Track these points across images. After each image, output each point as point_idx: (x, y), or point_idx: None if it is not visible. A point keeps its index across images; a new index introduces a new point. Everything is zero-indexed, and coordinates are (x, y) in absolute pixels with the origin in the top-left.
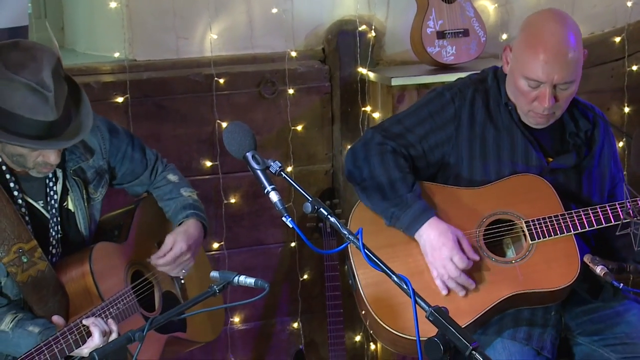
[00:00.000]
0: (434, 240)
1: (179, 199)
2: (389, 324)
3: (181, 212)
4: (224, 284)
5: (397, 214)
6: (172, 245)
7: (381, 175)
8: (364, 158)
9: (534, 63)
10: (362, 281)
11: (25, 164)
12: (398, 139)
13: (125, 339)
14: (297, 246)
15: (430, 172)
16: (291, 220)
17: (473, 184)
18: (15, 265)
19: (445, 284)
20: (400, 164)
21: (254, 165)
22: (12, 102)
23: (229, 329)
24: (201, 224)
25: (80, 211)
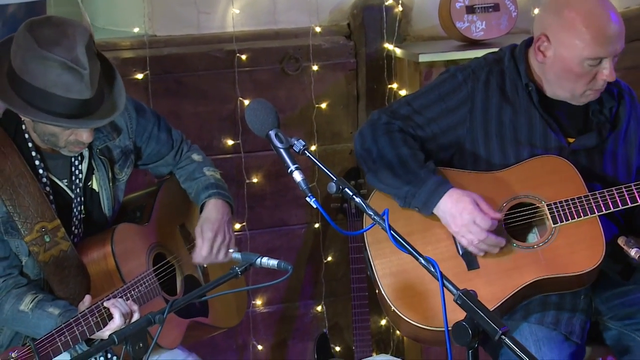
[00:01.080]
0: (452, 208)
1: (202, 179)
2: (409, 316)
3: (203, 192)
4: (246, 266)
5: (412, 192)
6: (202, 240)
7: (390, 153)
8: (372, 139)
9: (592, 42)
10: (379, 272)
11: (57, 143)
12: (405, 120)
13: (145, 321)
14: (321, 227)
15: (443, 156)
16: (315, 201)
17: (492, 168)
18: (37, 245)
19: (477, 248)
20: (409, 141)
21: (277, 144)
22: (47, 81)
23: (251, 312)
24: (225, 202)
25: (105, 191)
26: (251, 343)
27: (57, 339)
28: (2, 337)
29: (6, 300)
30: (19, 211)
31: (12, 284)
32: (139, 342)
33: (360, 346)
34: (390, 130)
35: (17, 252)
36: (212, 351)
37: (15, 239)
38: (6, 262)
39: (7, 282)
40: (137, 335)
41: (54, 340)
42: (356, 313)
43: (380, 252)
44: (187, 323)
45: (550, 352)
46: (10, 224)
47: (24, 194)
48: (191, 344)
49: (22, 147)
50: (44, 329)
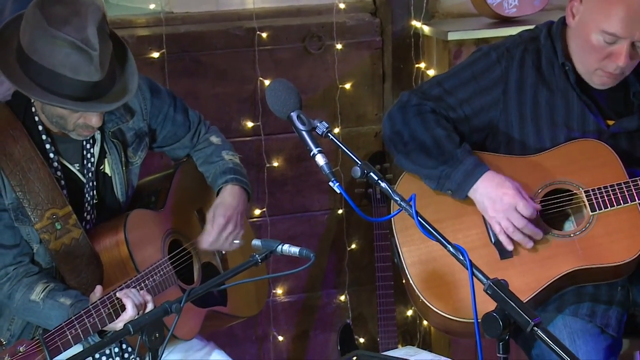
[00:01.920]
0: (492, 192)
1: (219, 163)
2: (437, 306)
3: (220, 177)
4: (266, 254)
5: (447, 172)
6: (212, 224)
7: (423, 134)
8: (402, 122)
9: (615, 16)
10: (407, 260)
11: (65, 126)
12: (437, 101)
13: (161, 310)
14: (344, 213)
15: (476, 139)
16: (339, 186)
17: (526, 152)
18: (48, 232)
19: (511, 237)
20: (443, 122)
21: (299, 126)
22: (55, 61)
23: (271, 301)
24: (242, 189)
25: (118, 175)
26: (271, 334)
27: (67, 331)
28: (14, 326)
29: (17, 289)
30: (29, 197)
31: (23, 272)
32: (155, 332)
33: (386, 338)
34: (422, 111)
35: (28, 240)
36: (230, 342)
37: (26, 226)
38: (17, 250)
39: (18, 270)
40: (153, 325)
41: (63, 333)
42: (381, 303)
43: (409, 239)
44: (204, 312)
45: (585, 345)
46: (21, 211)
47: (34, 180)
48: (209, 334)
49: (32, 130)
50: (55, 319)
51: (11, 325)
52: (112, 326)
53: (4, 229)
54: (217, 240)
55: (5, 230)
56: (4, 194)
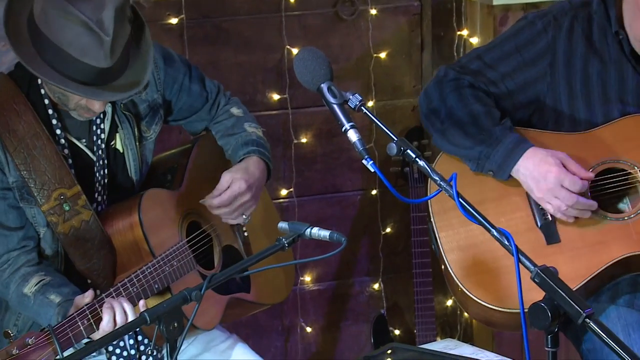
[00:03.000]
0: (535, 170)
1: (241, 134)
2: (479, 296)
3: (242, 148)
4: (293, 237)
5: (487, 152)
6: (229, 184)
7: (460, 111)
8: (439, 97)
9: None
10: (445, 246)
11: (67, 104)
12: (476, 75)
13: (180, 298)
14: (378, 194)
15: (521, 115)
16: (373, 164)
17: (577, 129)
18: (55, 214)
19: (566, 215)
20: (482, 97)
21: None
22: (63, 38)
23: (298, 289)
24: (264, 163)
25: (131, 151)
26: (299, 324)
27: (80, 322)
28: (21, 321)
29: (12, 279)
30: (35, 177)
31: (22, 260)
32: (174, 321)
33: (423, 330)
34: (459, 86)
35: (34, 223)
36: (254, 333)
37: (31, 207)
38: (22, 232)
39: (19, 257)
40: (172, 314)
41: (75, 324)
42: (418, 292)
43: (447, 223)
44: (226, 300)
45: None
46: (26, 190)
47: (40, 157)
48: (231, 325)
49: (37, 105)
50: (44, 317)
51: (18, 320)
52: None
53: (8, 209)
54: (227, 206)
55: (9, 210)
56: (7, 172)
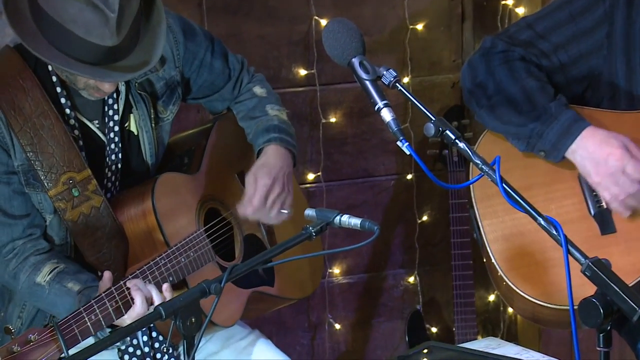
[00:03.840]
0: (596, 152)
1: (263, 119)
2: (525, 290)
3: (262, 135)
4: (321, 226)
5: (540, 130)
6: (254, 187)
7: (511, 86)
8: (486, 71)
9: None
10: (489, 235)
11: (75, 84)
12: (526, 47)
13: (198, 291)
14: (414, 179)
15: (574, 91)
16: (408, 146)
17: (635, 106)
18: (64, 200)
19: (624, 204)
20: (534, 71)
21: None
22: (65, 15)
23: (327, 282)
24: (287, 151)
25: (146, 134)
26: (327, 321)
27: (87, 317)
28: (25, 313)
29: (22, 268)
30: (42, 159)
31: (31, 249)
32: (191, 316)
33: (463, 327)
34: (509, 59)
35: (41, 209)
36: (278, 330)
37: (37, 192)
38: (27, 220)
39: (26, 245)
40: (189, 309)
41: (82, 319)
42: (458, 286)
43: (491, 211)
44: (248, 294)
45: None
46: (32, 174)
47: (48, 138)
48: (253, 320)
49: (45, 81)
50: (62, 307)
51: (22, 313)
52: (118, 322)
53: (13, 195)
54: (261, 207)
55: (14, 196)
56: (12, 154)
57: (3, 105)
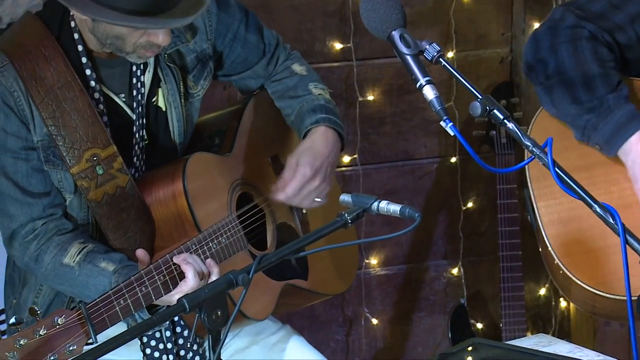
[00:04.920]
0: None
1: (306, 98)
2: (581, 278)
3: (308, 116)
4: (358, 213)
5: (594, 123)
6: (293, 173)
7: (573, 69)
8: (550, 47)
9: None
10: (544, 217)
11: (124, 48)
12: (599, 20)
13: (225, 282)
14: (459, 162)
15: None
16: (452, 126)
17: None
18: (87, 178)
19: None
20: (602, 55)
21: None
22: None
23: (363, 274)
24: (336, 135)
25: (175, 110)
26: (363, 315)
27: (115, 302)
28: (41, 298)
29: (46, 249)
30: (64, 134)
31: (53, 229)
32: (217, 309)
33: (511, 323)
34: (577, 36)
35: (61, 188)
36: (310, 325)
37: (58, 170)
38: (47, 200)
39: (48, 225)
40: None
41: (111, 303)
42: (505, 279)
43: (547, 191)
44: (280, 287)
45: None
46: (52, 151)
47: (71, 112)
48: (284, 314)
49: (69, 50)
50: (94, 289)
51: (37, 297)
52: (166, 298)
53: (31, 173)
54: (296, 194)
55: (33, 174)
56: (32, 128)
57: (23, 74)
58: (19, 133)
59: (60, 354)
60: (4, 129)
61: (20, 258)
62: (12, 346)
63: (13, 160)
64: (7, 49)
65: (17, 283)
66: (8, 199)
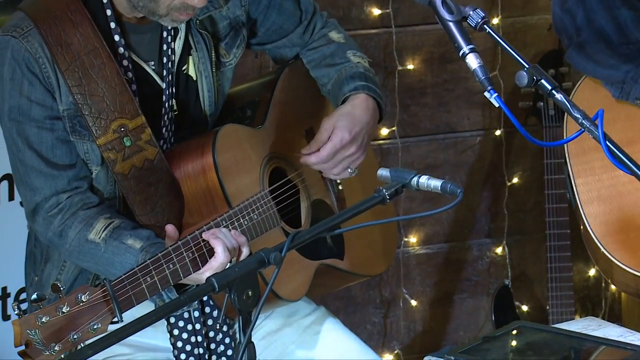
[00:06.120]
0: None
1: (344, 66)
2: (623, 260)
3: (346, 83)
4: (396, 188)
5: (635, 74)
6: (329, 134)
7: (603, 16)
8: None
9: None
10: (583, 195)
11: (157, 10)
12: None
13: (256, 261)
14: (504, 135)
15: None
16: (497, 97)
17: None
18: (114, 150)
19: None
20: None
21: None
22: None
23: (402, 253)
24: (375, 102)
25: (206, 79)
26: (401, 297)
27: (142, 279)
28: (64, 275)
29: (71, 224)
30: (90, 103)
31: (78, 203)
32: (248, 289)
33: (558, 306)
34: None
35: (87, 160)
36: (346, 306)
37: (84, 141)
38: (72, 172)
39: (73, 199)
40: (246, 281)
41: (137, 280)
42: (553, 258)
43: (586, 167)
44: (315, 266)
45: None
46: (79, 120)
47: (98, 79)
48: (319, 296)
49: (97, 15)
50: (120, 267)
51: (60, 274)
52: (195, 277)
53: (57, 144)
54: (328, 159)
55: (58, 145)
56: (58, 96)
57: (49, 40)
58: (44, 101)
59: (83, 333)
60: (28, 97)
61: (44, 233)
62: (34, 323)
63: (37, 130)
64: (32, 13)
65: (39, 259)
66: (31, 171)
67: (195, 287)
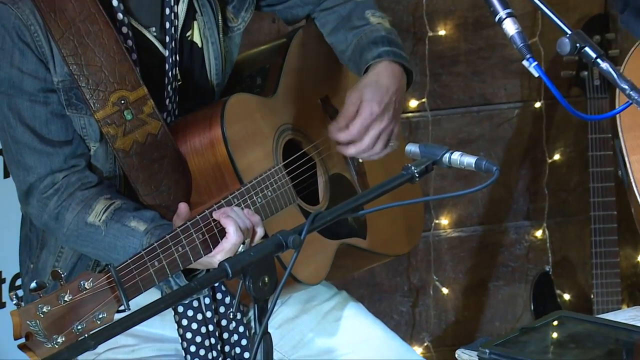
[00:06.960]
0: None
1: (364, 29)
2: None
3: (368, 49)
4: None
5: None
6: (357, 108)
7: None
8: None
9: None
10: (637, 174)
11: None
12: None
13: (273, 244)
14: (544, 107)
15: None
16: (536, 66)
17: None
18: (113, 125)
19: None
20: None
21: None
22: None
23: (432, 236)
24: (401, 68)
25: (212, 46)
26: (431, 283)
27: (149, 263)
28: (62, 262)
29: (68, 206)
30: (87, 73)
31: (76, 183)
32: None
33: (603, 294)
34: None
35: (84, 136)
36: (371, 294)
37: (81, 115)
38: (68, 149)
39: (70, 179)
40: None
41: (144, 265)
42: (598, 243)
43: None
44: (335, 246)
45: None
46: (75, 93)
47: (95, 48)
48: (340, 281)
49: None
50: (122, 252)
51: (58, 261)
52: (206, 260)
53: (51, 118)
54: (360, 135)
55: (53, 119)
56: (52, 67)
57: (41, 5)
58: (37, 73)
59: (88, 323)
60: (20, 69)
61: (39, 216)
62: (34, 314)
63: (30, 104)
64: None
65: (34, 245)
66: (24, 149)
67: (206, 273)
